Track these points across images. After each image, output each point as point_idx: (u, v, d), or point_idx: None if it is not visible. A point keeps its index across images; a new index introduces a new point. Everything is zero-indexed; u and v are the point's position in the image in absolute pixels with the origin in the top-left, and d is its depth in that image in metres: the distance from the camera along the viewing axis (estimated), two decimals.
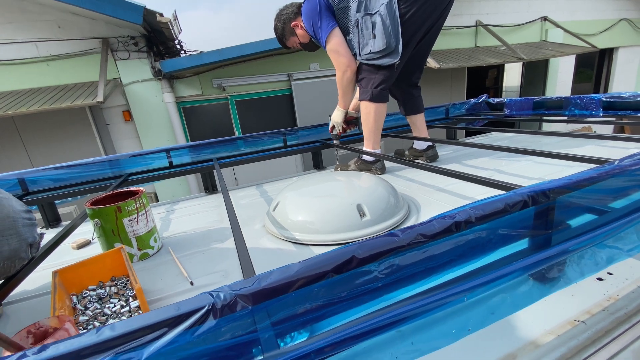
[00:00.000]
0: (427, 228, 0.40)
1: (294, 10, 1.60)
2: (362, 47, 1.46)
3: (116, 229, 1.00)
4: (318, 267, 0.35)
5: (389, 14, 1.36)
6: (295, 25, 1.62)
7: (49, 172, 1.61)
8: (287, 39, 1.68)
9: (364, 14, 1.40)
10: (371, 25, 1.39)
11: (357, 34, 1.45)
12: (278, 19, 1.64)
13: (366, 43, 1.44)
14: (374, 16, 1.38)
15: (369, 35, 1.41)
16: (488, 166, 1.63)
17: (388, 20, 1.36)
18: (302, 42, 1.67)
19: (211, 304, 0.32)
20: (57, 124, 3.71)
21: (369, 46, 1.44)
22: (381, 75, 1.50)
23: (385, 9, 1.35)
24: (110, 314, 0.75)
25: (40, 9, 3.48)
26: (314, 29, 1.51)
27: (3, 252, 0.64)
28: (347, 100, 1.67)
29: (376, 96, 1.54)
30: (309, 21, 1.50)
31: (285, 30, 1.64)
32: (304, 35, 1.62)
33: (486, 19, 5.72)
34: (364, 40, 1.44)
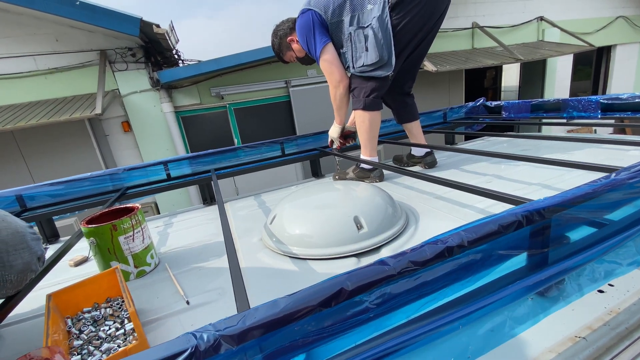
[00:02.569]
0: (418, 255, 0.39)
1: (290, 26, 1.62)
2: (355, 60, 1.47)
3: (112, 247, 0.99)
4: (305, 302, 0.34)
5: (380, 27, 1.36)
6: (291, 40, 1.64)
7: (46, 188, 1.61)
8: (284, 54, 1.71)
9: (356, 27, 1.41)
10: (364, 39, 1.40)
11: (350, 47, 1.45)
12: (275, 35, 1.66)
13: (359, 56, 1.45)
14: (366, 29, 1.39)
15: (362, 48, 1.42)
16: (487, 171, 1.62)
17: (380, 33, 1.37)
18: (298, 56, 1.69)
19: (194, 346, 0.31)
20: (56, 136, 3.72)
21: (362, 59, 1.44)
22: (373, 84, 1.50)
23: (377, 22, 1.36)
24: (105, 337, 0.74)
25: (38, 22, 3.50)
26: (307, 45, 1.52)
27: (17, 266, 0.66)
28: (342, 115, 1.69)
29: (369, 104, 1.54)
30: (303, 37, 1.52)
31: (282, 45, 1.67)
32: (300, 49, 1.64)
33: (482, 20, 5.74)
34: (357, 53, 1.45)
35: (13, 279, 0.66)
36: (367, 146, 1.64)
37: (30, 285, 0.75)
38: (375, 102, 1.55)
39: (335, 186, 1.32)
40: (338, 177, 1.81)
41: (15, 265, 0.65)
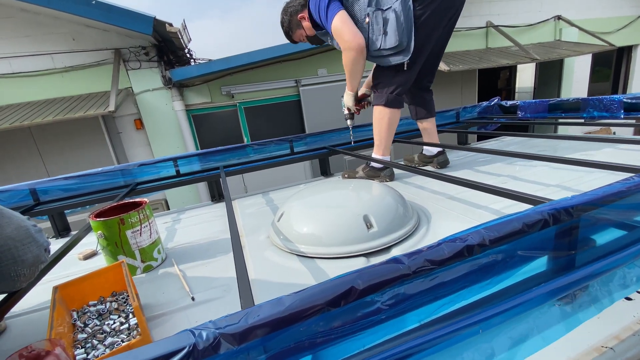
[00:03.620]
0: (436, 253, 0.36)
1: (301, 2, 1.54)
2: (371, 43, 1.40)
3: (119, 241, 0.99)
4: (313, 301, 0.31)
5: (403, 11, 1.30)
6: (302, 17, 1.56)
7: (59, 182, 1.63)
8: (294, 32, 1.63)
9: (375, 9, 1.34)
10: (382, 21, 1.34)
11: (367, 29, 1.38)
12: (285, 12, 1.59)
13: (376, 39, 1.38)
14: (386, 12, 1.33)
15: (379, 30, 1.35)
16: (501, 172, 1.57)
17: (402, 17, 1.31)
18: (308, 35, 1.61)
19: (192, 345, 0.28)
20: (71, 133, 3.80)
21: (379, 42, 1.37)
22: (398, 80, 1.47)
23: (400, 5, 1.30)
24: (110, 331, 0.73)
25: (55, 22, 3.58)
26: (319, 13, 1.43)
27: (28, 260, 0.66)
28: (354, 82, 1.57)
29: (391, 101, 1.50)
30: (316, 6, 1.42)
31: (292, 23, 1.59)
32: (310, 27, 1.56)
33: (497, 19, 5.62)
34: (373, 35, 1.38)
35: (26, 273, 0.66)
36: (381, 144, 1.60)
37: (37, 277, 0.75)
38: (398, 100, 1.51)
39: (345, 184, 1.29)
40: (347, 176, 1.77)
41: (26, 259, 0.65)
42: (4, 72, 3.56)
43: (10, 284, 0.66)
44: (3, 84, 3.54)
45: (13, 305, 0.73)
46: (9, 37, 3.55)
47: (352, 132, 1.89)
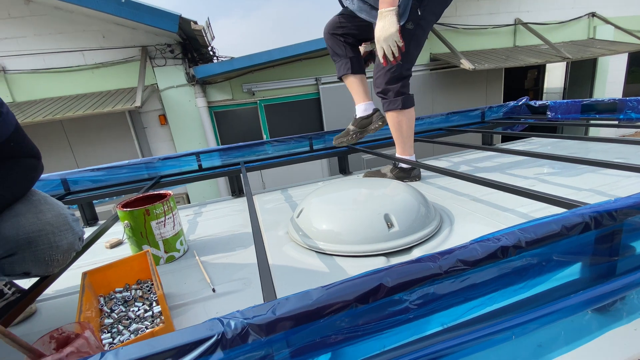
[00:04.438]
0: (468, 253, 0.35)
1: None
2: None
3: (144, 232, 1.01)
4: (341, 296, 0.31)
5: None
6: None
7: (88, 173, 1.69)
8: None
9: None
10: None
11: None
12: None
13: None
14: None
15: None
16: (529, 174, 1.51)
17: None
18: None
19: (220, 333, 0.28)
20: (99, 127, 3.95)
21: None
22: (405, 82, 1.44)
23: None
24: (134, 317, 0.76)
25: (87, 20, 3.73)
26: None
27: (63, 246, 0.68)
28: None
29: (406, 102, 1.46)
30: None
31: None
32: None
33: (526, 16, 5.41)
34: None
35: (60, 258, 0.68)
36: (406, 144, 1.54)
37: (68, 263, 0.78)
38: (410, 98, 1.48)
39: (365, 183, 1.27)
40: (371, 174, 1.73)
41: (61, 245, 0.68)
42: (39, 68, 3.74)
43: (43, 268, 0.69)
44: (37, 79, 3.72)
45: (44, 289, 0.76)
46: (43, 33, 3.73)
47: None
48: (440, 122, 2.21)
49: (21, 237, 0.64)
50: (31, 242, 0.65)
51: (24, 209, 0.67)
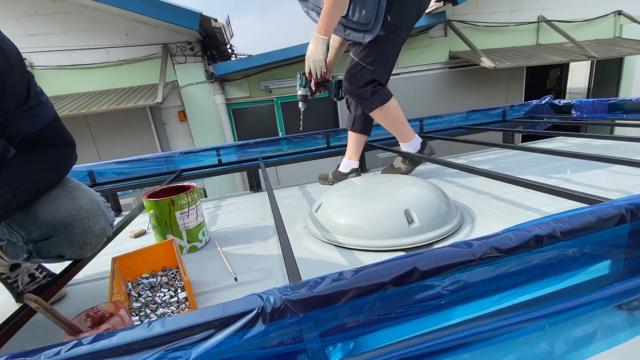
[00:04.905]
0: (502, 241, 0.35)
1: None
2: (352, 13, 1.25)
3: (169, 221, 1.05)
4: (375, 278, 0.32)
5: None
6: None
7: (113, 166, 1.76)
8: None
9: None
10: None
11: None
12: None
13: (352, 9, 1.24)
14: None
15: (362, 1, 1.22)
16: (552, 174, 1.47)
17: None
18: None
19: (260, 307, 0.30)
20: (121, 122, 4.08)
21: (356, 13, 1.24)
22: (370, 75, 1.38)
23: None
24: (160, 302, 0.78)
25: (112, 18, 3.84)
26: None
27: (96, 231, 0.71)
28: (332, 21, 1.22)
29: (383, 96, 1.41)
30: None
31: None
32: None
33: (550, 14, 5.24)
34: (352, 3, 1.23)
35: (92, 242, 0.71)
36: (403, 132, 1.52)
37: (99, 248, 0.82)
38: (385, 92, 1.42)
39: (385, 179, 1.27)
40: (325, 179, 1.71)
41: (94, 230, 0.71)
42: (64, 64, 3.88)
43: (77, 251, 0.72)
44: (63, 75, 3.86)
45: (77, 272, 0.80)
46: (69, 31, 3.87)
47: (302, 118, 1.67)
48: (460, 121, 2.18)
49: (58, 220, 0.67)
50: (67, 225, 0.68)
51: (60, 194, 0.70)
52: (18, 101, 0.61)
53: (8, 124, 0.62)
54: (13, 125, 0.63)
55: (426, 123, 2.13)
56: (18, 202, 0.61)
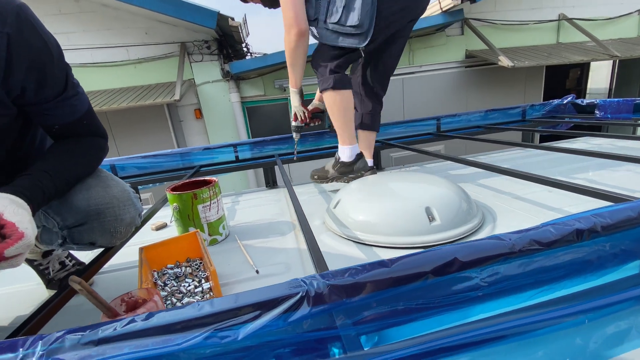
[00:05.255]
0: (542, 234, 0.35)
1: None
2: (330, 14, 1.23)
3: (192, 214, 1.07)
4: (417, 266, 0.32)
5: None
6: None
7: (135, 160, 1.80)
8: None
9: None
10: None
11: None
12: None
13: (335, 11, 1.21)
14: None
15: (341, 2, 1.20)
16: (576, 174, 1.44)
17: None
18: None
19: (305, 291, 0.30)
20: (140, 119, 4.17)
21: (338, 15, 1.21)
22: (341, 58, 1.30)
23: None
24: (185, 292, 0.80)
25: (132, 17, 3.93)
26: None
27: (126, 219, 0.74)
28: (297, 74, 1.39)
29: (338, 81, 1.31)
30: None
31: None
32: None
33: (571, 12, 5.10)
34: (334, 7, 1.21)
35: (122, 231, 0.74)
36: (344, 133, 1.40)
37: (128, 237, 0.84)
38: (345, 79, 1.33)
39: (404, 176, 1.27)
40: (317, 177, 1.59)
41: (124, 218, 0.73)
42: (86, 62, 4.00)
43: (107, 239, 0.74)
44: (85, 72, 3.97)
45: (107, 260, 0.82)
46: (91, 30, 3.97)
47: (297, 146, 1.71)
48: (478, 120, 2.15)
49: (91, 208, 0.70)
50: (99, 213, 0.70)
51: (94, 182, 0.73)
52: (57, 91, 0.64)
53: (47, 113, 0.65)
54: (52, 114, 0.66)
55: (443, 122, 2.11)
56: (57, 189, 0.63)
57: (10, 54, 0.54)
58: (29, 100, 0.61)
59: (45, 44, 0.59)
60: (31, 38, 0.56)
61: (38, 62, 0.58)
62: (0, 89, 0.56)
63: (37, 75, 0.58)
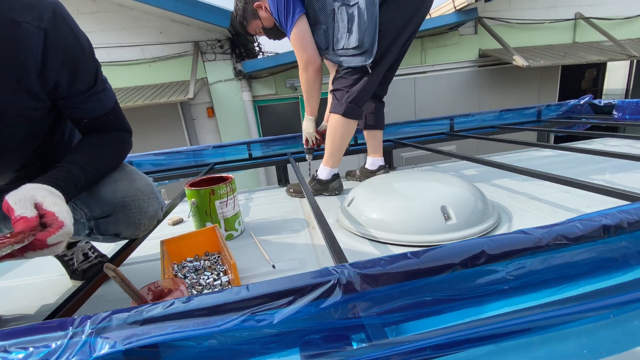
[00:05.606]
0: (569, 229, 0.35)
1: None
2: (336, 41, 1.28)
3: (209, 210, 1.09)
4: (445, 258, 0.33)
5: (367, 9, 1.18)
6: (258, 6, 1.38)
7: (151, 157, 1.84)
8: (249, 23, 1.44)
9: (341, 4, 1.21)
10: (347, 17, 1.21)
11: (333, 26, 1.25)
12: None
13: (341, 37, 1.26)
14: (351, 7, 1.20)
15: (344, 28, 1.23)
16: (593, 176, 1.41)
17: (366, 15, 1.18)
18: (265, 26, 1.44)
19: (336, 279, 0.31)
20: (153, 117, 4.24)
21: (343, 41, 1.25)
22: (358, 88, 1.33)
23: (365, 2, 1.17)
24: (205, 284, 0.82)
25: (147, 16, 4.01)
26: (278, 13, 1.30)
27: (149, 212, 0.76)
28: (313, 104, 1.48)
29: (350, 111, 1.35)
30: (274, 2, 1.29)
31: (247, 11, 1.41)
32: (268, 18, 1.40)
33: (588, 11, 4.99)
34: (338, 33, 1.25)
35: (146, 223, 0.76)
36: (332, 157, 1.46)
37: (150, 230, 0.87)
38: (357, 111, 1.37)
39: (419, 175, 1.27)
40: (293, 191, 1.62)
41: (148, 211, 0.75)
42: (103, 61, 4.09)
43: (132, 230, 0.77)
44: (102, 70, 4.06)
45: (131, 252, 0.85)
46: (109, 29, 4.06)
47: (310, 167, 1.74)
48: (492, 120, 2.13)
49: (117, 200, 0.72)
50: (125, 205, 0.73)
51: (120, 176, 0.75)
52: (88, 85, 0.67)
53: (77, 107, 0.68)
54: (81, 108, 0.69)
55: (457, 121, 2.09)
56: (87, 181, 0.66)
57: (46, 49, 0.56)
58: (61, 94, 0.64)
59: (78, 40, 0.62)
60: (66, 34, 0.59)
61: (71, 57, 0.61)
62: (37, 82, 0.58)
63: (70, 69, 0.61)
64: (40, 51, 0.56)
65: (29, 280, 1.05)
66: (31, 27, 0.54)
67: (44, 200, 0.51)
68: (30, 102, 0.60)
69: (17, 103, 0.58)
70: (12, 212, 0.49)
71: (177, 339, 0.29)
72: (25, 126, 0.63)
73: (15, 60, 0.54)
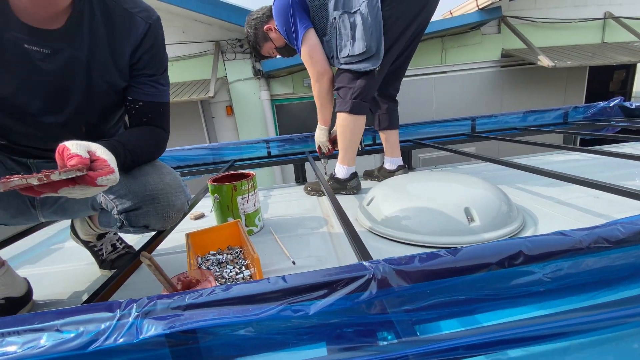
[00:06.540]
0: (610, 232, 0.34)
1: (266, 13, 1.44)
2: (339, 50, 1.30)
3: (231, 205, 1.11)
4: (482, 257, 0.33)
5: (370, 13, 1.18)
6: (268, 29, 1.45)
7: (174, 153, 1.89)
8: (262, 47, 1.52)
9: (342, 12, 1.23)
10: (349, 25, 1.23)
11: (335, 35, 1.28)
12: (249, 25, 1.48)
13: (344, 45, 1.27)
14: (353, 15, 1.21)
15: (347, 36, 1.25)
16: (623, 182, 1.36)
17: (370, 19, 1.19)
18: (277, 46, 1.50)
19: (371, 274, 0.32)
20: (174, 114, 4.34)
21: (347, 48, 1.27)
22: (362, 82, 1.32)
23: (367, 7, 1.18)
24: (228, 278, 0.84)
25: (171, 16, 4.11)
26: (286, 32, 1.35)
27: (177, 205, 0.79)
28: (326, 114, 1.51)
29: (356, 107, 1.35)
30: (281, 21, 1.33)
31: (258, 37, 1.48)
32: (279, 38, 1.45)
33: (618, 10, 4.79)
34: (341, 41, 1.28)
35: (173, 216, 0.79)
36: (346, 154, 1.47)
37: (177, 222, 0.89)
38: (362, 106, 1.36)
39: (442, 176, 1.25)
40: (311, 189, 1.64)
41: (176, 204, 0.78)
42: None
43: (160, 223, 0.80)
44: None
45: (159, 243, 0.88)
46: None
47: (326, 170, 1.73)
48: (515, 121, 2.08)
49: (147, 193, 0.75)
50: (154, 198, 0.76)
51: (150, 170, 0.78)
52: (156, 72, 0.80)
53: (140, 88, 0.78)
54: (143, 89, 0.79)
55: (479, 122, 2.05)
56: (125, 162, 0.70)
57: (146, 35, 0.76)
58: (137, 69, 0.77)
59: (164, 41, 0.81)
60: (159, 33, 0.79)
61: (157, 48, 0.78)
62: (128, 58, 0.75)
63: (152, 55, 0.78)
64: (142, 35, 0.75)
65: (61, 268, 1.10)
66: (141, 20, 0.75)
67: (97, 149, 0.57)
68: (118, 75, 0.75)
69: (112, 74, 0.74)
70: (66, 150, 0.54)
71: (216, 325, 0.30)
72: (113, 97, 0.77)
73: (125, 35, 0.73)
